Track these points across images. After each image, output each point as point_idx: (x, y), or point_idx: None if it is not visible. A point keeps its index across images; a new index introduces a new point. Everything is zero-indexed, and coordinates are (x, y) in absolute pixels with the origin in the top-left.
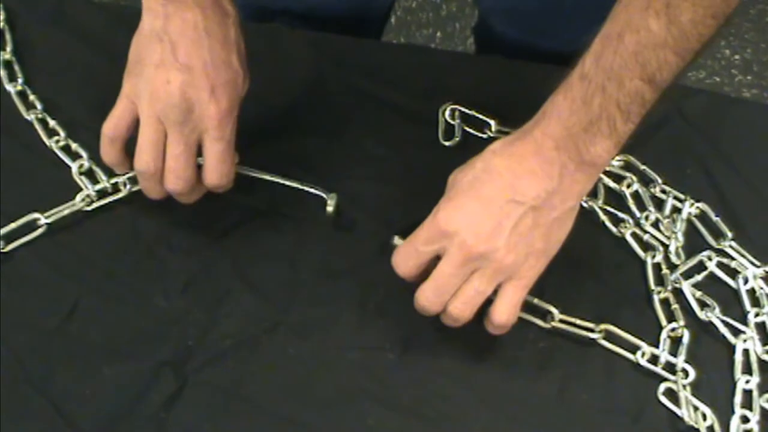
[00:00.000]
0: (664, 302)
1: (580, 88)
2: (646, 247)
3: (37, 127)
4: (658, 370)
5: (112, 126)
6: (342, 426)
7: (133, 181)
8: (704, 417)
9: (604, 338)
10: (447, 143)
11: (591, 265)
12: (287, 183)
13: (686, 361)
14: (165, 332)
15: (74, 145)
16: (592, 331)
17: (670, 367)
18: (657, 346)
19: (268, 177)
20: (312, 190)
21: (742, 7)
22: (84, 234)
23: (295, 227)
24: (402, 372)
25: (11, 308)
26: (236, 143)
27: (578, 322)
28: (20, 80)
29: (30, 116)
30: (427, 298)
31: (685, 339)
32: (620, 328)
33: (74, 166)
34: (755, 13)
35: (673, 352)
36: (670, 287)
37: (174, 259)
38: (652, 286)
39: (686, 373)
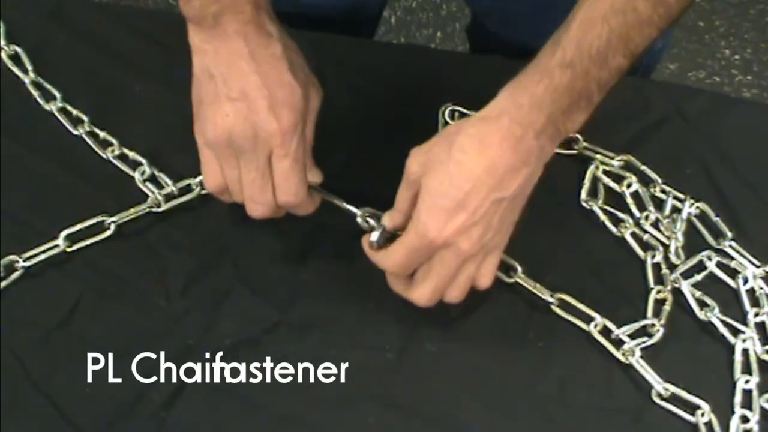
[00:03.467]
0: (659, 302)
1: (563, 76)
2: (646, 246)
3: (88, 140)
4: (606, 342)
5: (211, 183)
6: (342, 426)
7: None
8: (702, 413)
9: (558, 306)
10: None
11: (591, 265)
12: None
13: (643, 350)
14: (165, 332)
15: (131, 154)
16: (550, 297)
17: (621, 344)
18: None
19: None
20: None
21: (742, 7)
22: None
23: (295, 227)
24: (402, 372)
25: (11, 308)
26: None
27: (538, 286)
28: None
29: (78, 131)
30: (428, 300)
31: (657, 336)
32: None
33: (137, 174)
34: (755, 13)
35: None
36: (669, 287)
37: (174, 259)
38: (652, 285)
39: (633, 352)
